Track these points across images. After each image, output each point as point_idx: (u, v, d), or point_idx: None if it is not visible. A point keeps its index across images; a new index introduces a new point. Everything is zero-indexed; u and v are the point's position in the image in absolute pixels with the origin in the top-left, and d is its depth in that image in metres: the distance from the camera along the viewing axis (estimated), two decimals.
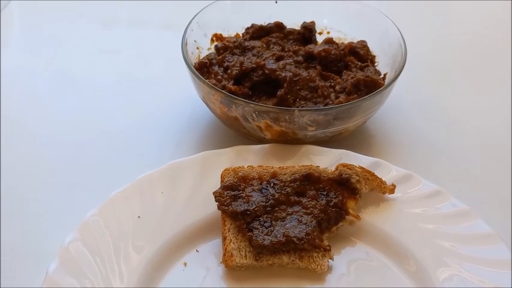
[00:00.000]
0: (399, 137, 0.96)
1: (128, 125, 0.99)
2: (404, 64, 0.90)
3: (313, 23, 1.02)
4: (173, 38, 0.99)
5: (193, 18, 0.97)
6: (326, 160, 0.86)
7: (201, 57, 0.98)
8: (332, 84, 0.92)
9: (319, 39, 1.03)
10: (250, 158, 0.86)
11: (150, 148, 0.95)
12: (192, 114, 1.00)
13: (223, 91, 0.87)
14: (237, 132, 0.92)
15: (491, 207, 0.86)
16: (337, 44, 0.97)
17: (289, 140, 0.88)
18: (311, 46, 0.96)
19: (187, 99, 1.00)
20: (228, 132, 0.94)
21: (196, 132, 0.98)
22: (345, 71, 0.94)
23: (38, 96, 1.05)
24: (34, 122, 1.00)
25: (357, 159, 0.85)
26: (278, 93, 0.90)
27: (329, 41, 0.97)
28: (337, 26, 1.04)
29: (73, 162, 0.93)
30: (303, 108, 0.87)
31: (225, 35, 1.02)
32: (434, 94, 1.05)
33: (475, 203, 0.82)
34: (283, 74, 0.91)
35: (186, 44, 0.94)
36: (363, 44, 0.98)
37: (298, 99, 0.90)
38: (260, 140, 0.89)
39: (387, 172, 0.84)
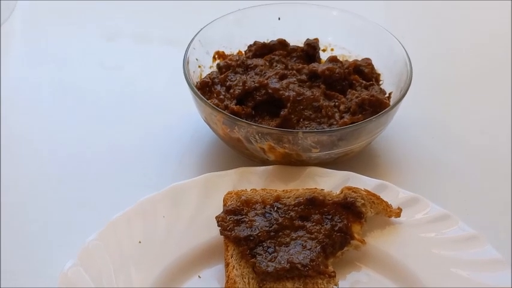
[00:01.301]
0: (405, 156, 0.94)
1: (129, 143, 0.98)
2: (409, 84, 0.89)
3: (316, 40, 1.01)
4: (176, 54, 0.97)
5: (195, 36, 0.95)
6: (331, 182, 0.85)
7: (203, 76, 0.96)
8: (336, 103, 0.91)
9: (323, 56, 1.01)
10: (253, 180, 0.85)
11: (152, 167, 0.94)
12: (195, 132, 0.98)
13: (225, 112, 0.86)
14: (240, 153, 0.90)
15: (501, 229, 0.84)
16: (341, 62, 0.95)
17: (293, 161, 0.86)
18: (315, 65, 0.95)
19: (189, 117, 0.98)
20: (230, 153, 0.93)
21: (198, 151, 0.96)
22: (349, 90, 0.92)
23: (40, 111, 1.03)
24: (35, 138, 0.98)
25: (362, 182, 0.84)
26: (281, 113, 0.89)
27: (333, 59, 0.95)
28: (341, 43, 1.02)
29: (74, 180, 0.92)
30: (307, 130, 0.85)
31: (227, 52, 1.01)
32: (441, 112, 1.03)
33: (484, 224, 0.81)
34: (287, 94, 0.90)
35: (188, 63, 0.92)
36: (368, 62, 0.97)
37: (302, 119, 0.89)
38: (263, 162, 0.88)
39: (393, 195, 0.83)
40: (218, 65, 0.95)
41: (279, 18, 1.03)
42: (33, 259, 0.82)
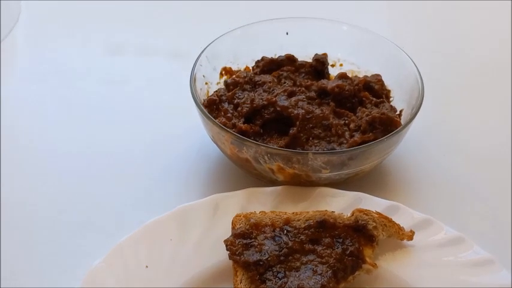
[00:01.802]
0: (417, 175, 0.92)
1: (134, 160, 0.96)
2: (421, 103, 0.87)
3: (325, 55, 0.99)
4: (182, 67, 0.97)
5: (202, 52, 0.94)
6: (341, 203, 0.83)
7: (210, 93, 0.94)
8: (346, 122, 0.89)
9: (332, 71, 1.00)
10: (262, 201, 0.83)
11: (157, 186, 0.92)
12: (201, 149, 0.97)
13: (234, 132, 0.84)
14: (248, 173, 0.88)
15: None
16: (351, 78, 0.93)
17: (303, 182, 0.85)
18: (324, 81, 0.93)
19: (195, 133, 0.96)
20: (238, 171, 0.91)
21: (204, 169, 0.94)
22: (359, 108, 0.90)
23: (43, 127, 1.02)
24: (39, 154, 0.97)
25: (374, 203, 0.82)
26: (290, 131, 0.87)
27: (342, 76, 0.93)
28: (350, 59, 1.00)
29: (78, 201, 0.90)
30: (317, 151, 0.83)
31: (234, 68, 0.99)
32: (453, 127, 1.02)
33: (499, 246, 0.80)
34: (296, 112, 0.88)
35: (195, 80, 0.90)
36: (378, 79, 0.95)
37: (311, 138, 0.87)
38: (272, 182, 0.86)
39: (405, 217, 0.81)
40: (225, 82, 0.94)
41: (287, 33, 1.01)
42: (39, 283, 0.80)
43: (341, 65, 1.01)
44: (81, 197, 0.90)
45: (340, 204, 0.83)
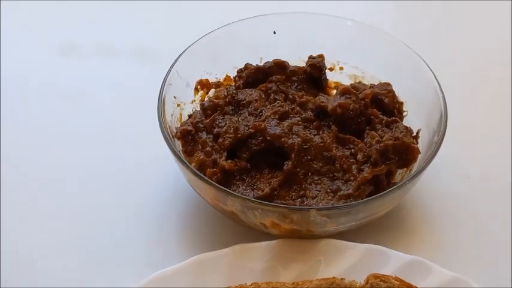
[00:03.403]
0: (441, 217, 0.76)
1: (90, 197, 0.78)
2: (445, 127, 0.70)
3: (322, 57, 0.81)
4: (149, 69, 0.85)
5: (171, 67, 0.76)
6: (351, 258, 0.68)
7: (184, 117, 0.77)
8: (353, 151, 0.72)
9: (330, 76, 0.83)
10: (254, 261, 0.68)
11: (124, 237, 0.74)
12: (176, 187, 0.78)
13: (214, 183, 0.66)
14: (236, 223, 0.72)
15: None
16: (355, 93, 0.75)
17: (303, 235, 0.69)
18: (323, 99, 0.76)
19: (169, 164, 0.75)
20: (224, 219, 0.74)
21: (181, 215, 0.76)
22: (367, 131, 0.74)
23: None
24: None
25: (391, 258, 0.67)
26: (285, 167, 0.71)
27: (345, 91, 0.75)
28: (352, 61, 0.83)
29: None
30: (322, 208, 0.66)
31: (212, 79, 0.81)
32: (479, 150, 0.84)
33: None
34: (290, 141, 0.71)
35: (164, 104, 0.73)
36: (388, 89, 0.78)
37: (310, 174, 0.71)
38: (266, 233, 0.70)
39: (432, 277, 0.66)
40: (202, 106, 0.76)
41: (274, 33, 0.83)
42: None
43: (341, 68, 0.84)
44: None
45: (350, 260, 0.68)
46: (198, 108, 0.78)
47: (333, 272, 0.67)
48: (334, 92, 0.84)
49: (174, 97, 0.76)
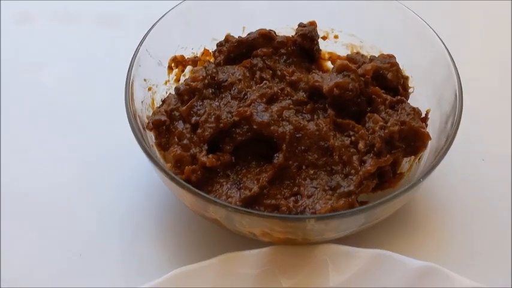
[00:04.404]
0: (457, 212, 0.66)
1: (50, 205, 0.67)
2: (461, 110, 0.60)
3: (313, 25, 0.71)
4: (118, 36, 0.75)
5: (139, 45, 0.64)
6: (355, 267, 0.59)
7: (156, 103, 0.66)
8: (353, 138, 0.62)
9: (324, 46, 0.72)
10: (247, 267, 0.58)
11: (87, 250, 0.64)
12: (151, 185, 0.68)
13: (191, 188, 0.56)
14: (222, 228, 0.63)
15: None
16: (354, 70, 0.65)
17: (298, 243, 0.59)
18: (317, 77, 0.65)
19: (141, 159, 0.62)
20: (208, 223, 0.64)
21: (158, 219, 0.66)
22: (369, 114, 0.64)
23: None
24: None
25: (401, 265, 0.58)
26: (275, 160, 0.61)
27: (343, 68, 0.65)
28: (348, 28, 0.72)
29: None
30: (320, 217, 0.56)
31: (187, 54, 0.71)
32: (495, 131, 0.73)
33: None
34: (280, 130, 0.61)
35: (132, 91, 0.62)
36: (391, 63, 0.67)
37: (304, 167, 0.62)
38: (256, 240, 0.61)
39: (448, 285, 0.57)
40: (177, 90, 0.65)
41: None
42: None
43: (336, 36, 0.74)
44: None
45: (354, 268, 0.59)
46: (173, 91, 0.67)
47: (337, 281, 0.58)
48: (328, 63, 0.74)
49: (144, 80, 0.65)
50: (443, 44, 0.65)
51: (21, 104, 0.76)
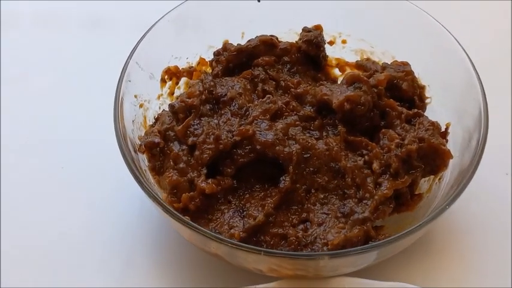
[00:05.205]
0: (482, 239, 0.60)
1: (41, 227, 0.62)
2: (487, 125, 0.55)
3: (319, 29, 0.65)
4: (106, 41, 0.70)
5: (129, 57, 0.58)
6: None
7: (148, 120, 0.60)
8: (366, 158, 0.57)
9: (330, 51, 0.66)
10: None
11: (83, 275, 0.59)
12: (144, 213, 0.62)
13: (189, 223, 0.50)
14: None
15: None
16: (366, 81, 0.59)
17: (309, 278, 0.54)
18: (325, 90, 0.59)
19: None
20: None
21: (153, 251, 0.60)
22: (383, 130, 0.58)
23: None
24: None
25: None
26: (281, 184, 0.55)
27: (354, 79, 0.59)
28: (357, 32, 0.66)
29: None
30: (334, 254, 0.50)
31: (182, 65, 0.64)
32: None
33: None
34: (286, 150, 0.56)
35: (121, 110, 0.56)
36: (406, 71, 0.61)
37: (313, 191, 0.56)
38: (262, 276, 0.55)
39: None
40: (172, 107, 0.59)
41: (259, 1, 0.66)
42: None
43: (344, 41, 0.68)
44: None
45: None
46: (167, 107, 0.61)
47: None
48: (336, 70, 0.68)
49: (135, 96, 0.59)
50: (463, 48, 0.59)
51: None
